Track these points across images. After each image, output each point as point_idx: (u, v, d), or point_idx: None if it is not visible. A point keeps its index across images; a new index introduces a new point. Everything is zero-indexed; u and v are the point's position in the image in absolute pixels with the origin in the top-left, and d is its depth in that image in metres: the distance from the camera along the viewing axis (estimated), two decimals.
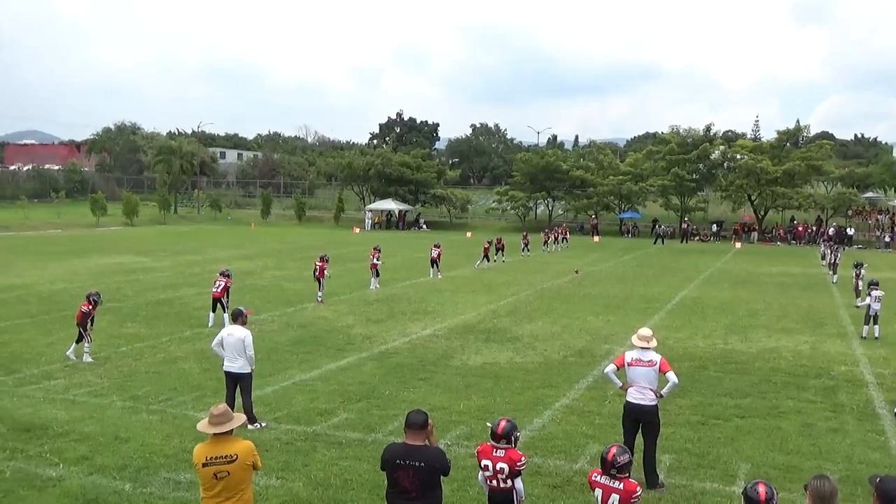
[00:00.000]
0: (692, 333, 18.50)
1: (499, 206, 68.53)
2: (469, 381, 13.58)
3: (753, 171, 59.01)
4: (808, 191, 62.31)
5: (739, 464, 9.61)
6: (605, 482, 6.18)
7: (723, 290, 26.95)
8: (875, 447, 10.38)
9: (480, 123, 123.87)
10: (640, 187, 63.12)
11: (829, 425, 11.33)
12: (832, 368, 15.04)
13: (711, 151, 63.75)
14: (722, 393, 12.97)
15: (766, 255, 44.94)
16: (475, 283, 27.69)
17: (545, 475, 9.09)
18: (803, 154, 62.13)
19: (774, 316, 21.44)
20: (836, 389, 13.45)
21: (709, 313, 21.70)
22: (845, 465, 9.68)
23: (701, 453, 9.96)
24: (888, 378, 14.30)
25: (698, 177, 64.15)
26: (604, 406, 11.95)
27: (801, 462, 9.64)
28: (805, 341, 17.80)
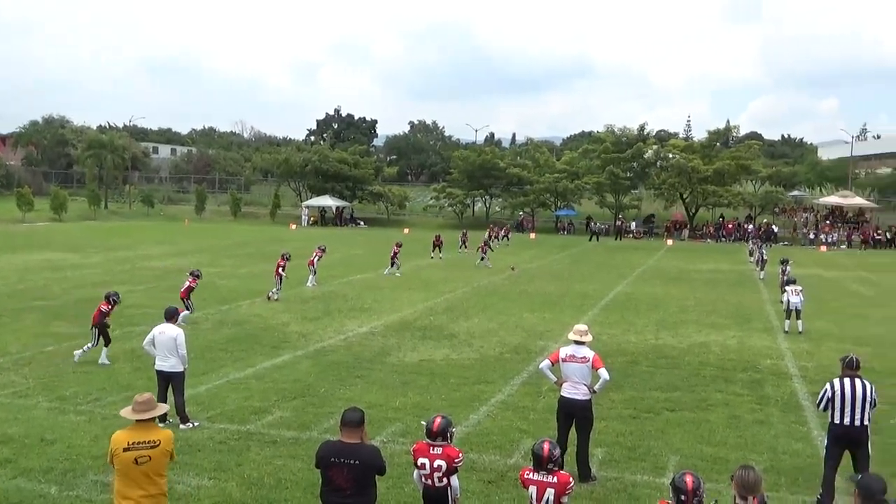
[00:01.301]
0: (625, 329, 18.84)
1: (436, 204, 68.67)
2: (405, 378, 13.60)
3: (685, 170, 60.39)
4: (738, 189, 63.94)
5: (669, 456, 9.84)
6: (539, 478, 6.27)
7: (655, 287, 27.51)
8: (798, 438, 10.73)
9: (419, 120, 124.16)
10: (575, 185, 63.96)
11: (754, 417, 11.67)
12: (758, 362, 15.48)
13: (645, 150, 64.97)
14: (653, 387, 13.25)
15: (696, 252, 46.01)
16: (412, 281, 27.71)
17: (480, 471, 9.17)
18: (733, 154, 63.82)
19: (704, 311, 21.97)
20: (762, 382, 13.86)
21: (641, 309, 22.12)
22: (770, 455, 9.98)
23: (632, 446, 10.17)
24: (811, 371, 14.78)
25: (632, 175, 65.28)
26: (538, 401, 12.09)
27: (727, 453, 9.90)
28: (733, 336, 18.29)
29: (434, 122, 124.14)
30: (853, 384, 8.34)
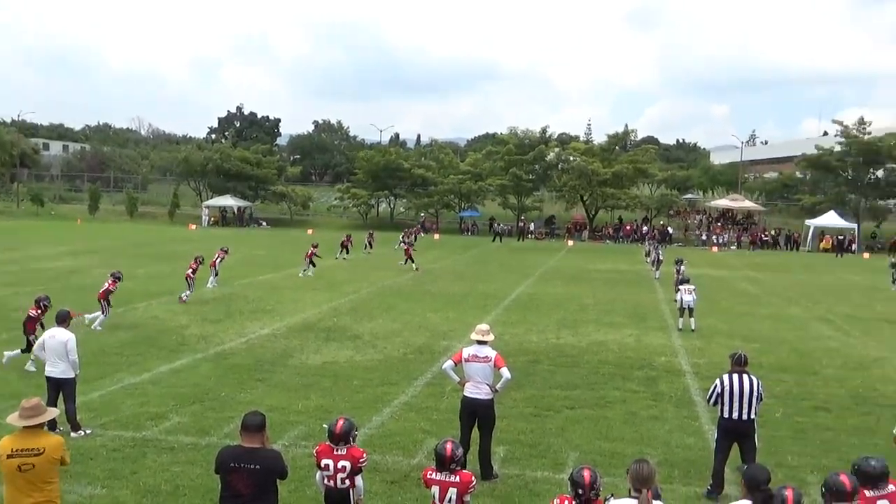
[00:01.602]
0: (527, 329, 19.15)
1: (340, 204, 68.19)
2: (308, 380, 13.47)
3: (585, 172, 61.85)
4: (635, 192, 65.88)
5: (569, 452, 10.07)
6: (442, 478, 6.32)
7: (556, 287, 28.06)
8: (690, 432, 11.15)
9: (323, 120, 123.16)
10: (479, 186, 64.60)
11: (650, 413, 12.06)
12: (654, 360, 15.99)
13: (547, 153, 66.17)
14: (554, 385, 13.52)
15: (596, 253, 47.18)
16: (316, 281, 27.44)
17: (383, 472, 9.17)
18: (631, 157, 65.77)
19: (603, 311, 22.54)
20: (657, 379, 14.32)
21: (543, 309, 22.53)
22: (664, 449, 10.34)
23: (533, 443, 10.36)
24: (703, 367, 15.36)
25: (535, 177, 66.38)
26: (441, 402, 12.17)
27: (624, 448, 10.20)
28: (630, 334, 18.83)
29: (339, 121, 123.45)
30: (741, 380, 8.72)
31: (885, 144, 60.61)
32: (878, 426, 11.44)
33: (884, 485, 5.94)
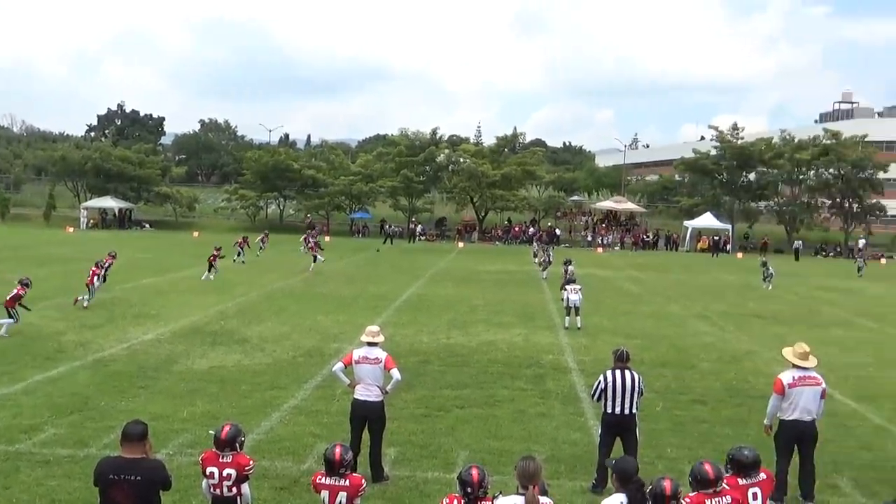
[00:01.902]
0: (418, 329, 19.23)
1: (228, 206, 66.65)
2: (194, 386, 13.12)
3: (475, 174, 62.62)
4: (523, 194, 67.16)
5: (459, 451, 10.17)
6: (332, 482, 6.29)
7: (447, 288, 28.31)
8: (576, 428, 11.46)
9: (209, 119, 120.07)
10: (370, 188, 64.43)
11: (537, 410, 12.33)
12: (542, 358, 16.35)
13: (438, 154, 66.62)
14: (444, 385, 13.64)
15: (486, 254, 47.85)
16: (205, 284, 26.76)
17: (272, 478, 9.03)
18: (519, 159, 67.01)
19: (492, 311, 22.88)
20: (544, 377, 14.65)
21: (433, 310, 22.68)
22: (551, 445, 10.59)
23: (424, 444, 10.42)
24: (588, 364, 15.80)
25: (425, 178, 66.71)
26: (332, 405, 12.08)
27: (512, 446, 10.37)
28: (519, 334, 19.18)
29: (226, 121, 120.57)
30: (623, 375, 9.03)
31: (756, 149, 64.01)
32: (749, 417, 12.02)
33: (755, 473, 6.29)
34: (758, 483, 6.28)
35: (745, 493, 6.17)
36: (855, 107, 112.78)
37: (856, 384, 14.97)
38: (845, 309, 26.84)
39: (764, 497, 6.27)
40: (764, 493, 6.29)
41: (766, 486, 6.35)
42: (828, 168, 63.36)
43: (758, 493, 6.23)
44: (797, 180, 65.28)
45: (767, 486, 6.37)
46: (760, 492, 6.25)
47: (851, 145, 63.37)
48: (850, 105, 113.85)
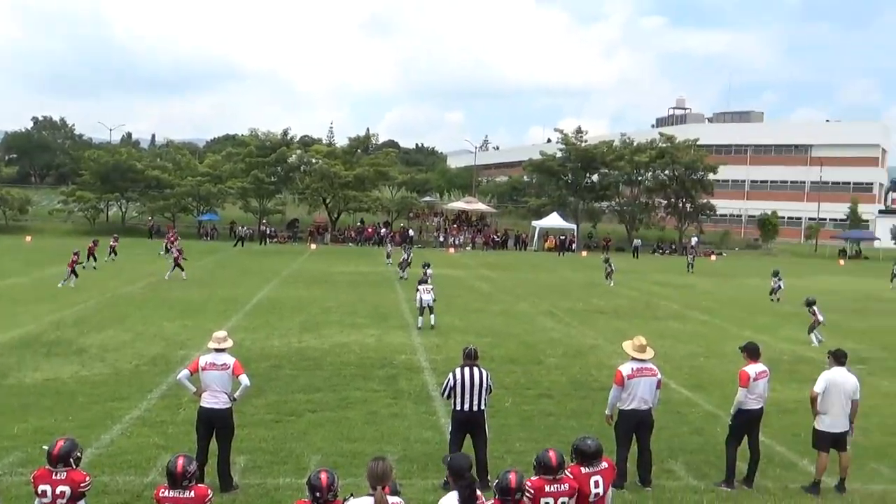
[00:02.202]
0: (269, 333, 18.89)
1: (65, 208, 62.87)
2: (26, 400, 12.33)
3: (328, 175, 62.07)
4: (376, 195, 67.20)
5: (311, 456, 10.06)
6: (175, 495, 6.08)
7: (299, 290, 27.94)
8: (428, 427, 11.59)
9: (44, 116, 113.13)
10: (219, 189, 62.55)
11: (390, 411, 12.38)
12: (394, 358, 16.43)
13: (289, 155, 65.54)
14: (296, 390, 13.46)
15: (339, 256, 47.57)
16: (39, 291, 25.20)
17: (112, 493, 8.62)
18: (372, 160, 66.95)
19: (345, 312, 22.77)
20: (397, 377, 14.73)
21: (285, 313, 22.33)
22: (403, 445, 10.66)
23: (275, 450, 10.24)
24: (440, 363, 16.01)
25: (277, 179, 65.50)
26: (178, 414, 11.68)
27: (365, 448, 10.37)
28: (372, 334, 19.20)
29: (62, 118, 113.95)
30: (471, 373, 9.21)
31: (599, 151, 66.89)
32: (593, 408, 12.54)
33: (598, 462, 6.58)
34: (599, 471, 6.57)
35: (588, 481, 6.44)
36: (687, 112, 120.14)
37: (689, 373, 15.93)
38: (679, 303, 28.47)
39: (605, 485, 6.55)
40: (605, 480, 6.57)
41: (608, 475, 6.64)
42: (664, 170, 67.01)
43: (599, 481, 6.51)
44: (636, 181, 68.73)
45: (609, 475, 6.66)
46: (602, 480, 6.53)
47: (685, 149, 67.31)
48: (684, 111, 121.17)
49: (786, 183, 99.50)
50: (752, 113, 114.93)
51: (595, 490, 6.47)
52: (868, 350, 19.33)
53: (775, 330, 22.35)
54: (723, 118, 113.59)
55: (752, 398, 9.39)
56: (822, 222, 79.98)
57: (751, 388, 9.35)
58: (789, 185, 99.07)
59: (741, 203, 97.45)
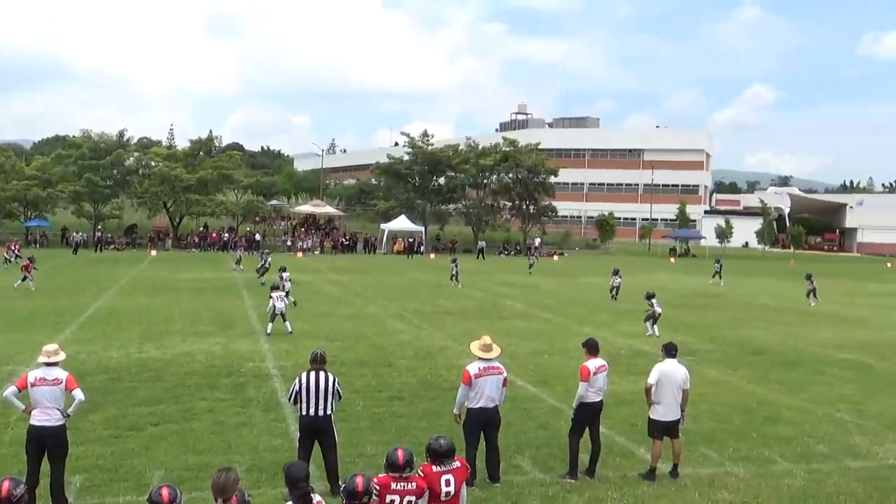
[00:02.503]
0: (106, 345, 17.97)
1: None
2: None
3: (168, 178, 59.73)
4: (221, 198, 65.37)
5: (153, 471, 9.66)
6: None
7: (138, 299, 26.74)
8: (277, 434, 11.38)
9: None
10: (48, 193, 58.88)
11: (238, 420, 12.07)
12: (242, 366, 16.03)
13: (126, 157, 62.68)
14: (137, 402, 12.88)
15: (181, 262, 45.90)
16: None
17: None
18: (215, 163, 65.04)
19: (189, 321, 22.01)
20: (245, 385, 14.38)
21: (124, 323, 21.33)
22: (252, 455, 10.42)
23: (114, 468, 9.75)
24: (290, 369, 15.74)
25: (113, 183, 62.45)
26: (6, 434, 10.91)
27: (212, 459, 10.06)
28: (217, 343, 18.65)
29: None
30: (317, 377, 9.13)
31: (445, 155, 67.99)
32: (443, 408, 12.70)
33: (450, 461, 6.70)
34: (451, 470, 6.69)
35: (438, 480, 6.55)
36: (529, 117, 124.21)
37: (534, 370, 16.46)
38: (524, 303, 29.36)
39: (457, 483, 6.67)
40: (457, 479, 6.69)
41: (460, 474, 6.76)
42: (507, 173, 68.91)
43: (451, 480, 6.62)
44: (482, 184, 70.30)
45: (461, 474, 6.78)
46: (454, 478, 6.65)
47: (527, 152, 69.49)
48: (525, 116, 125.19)
49: (621, 185, 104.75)
50: (588, 119, 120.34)
51: (446, 489, 6.57)
52: (697, 342, 20.63)
53: (614, 326, 23.46)
54: (562, 123, 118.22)
55: (592, 392, 9.81)
56: (654, 223, 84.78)
57: (591, 382, 9.76)
58: (624, 188, 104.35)
59: (580, 205, 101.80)
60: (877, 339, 22.32)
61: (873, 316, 28.08)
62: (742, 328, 23.78)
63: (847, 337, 22.52)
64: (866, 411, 13.73)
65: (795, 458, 10.89)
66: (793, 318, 26.65)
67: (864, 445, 11.61)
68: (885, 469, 10.55)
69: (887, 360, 18.93)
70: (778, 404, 14.04)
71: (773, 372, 17.04)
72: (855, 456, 11.09)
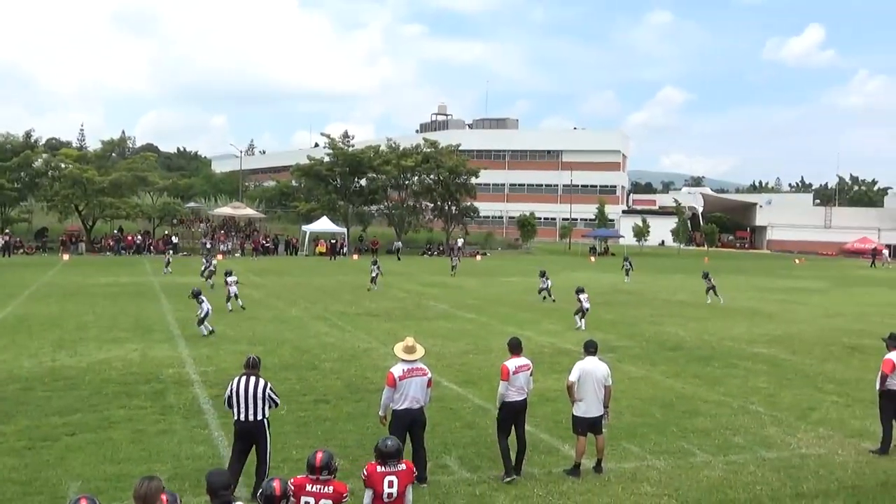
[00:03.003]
0: (17, 353, 17.30)
1: None
2: None
3: (80, 180, 57.75)
4: (136, 201, 63.64)
5: (70, 483, 9.34)
6: None
7: (50, 305, 25.82)
8: (200, 441, 11.15)
9: None
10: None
11: (158, 428, 11.77)
12: (161, 372, 15.65)
13: (34, 159, 60.39)
14: (51, 412, 12.43)
15: (95, 266, 44.51)
16: None
17: None
18: (129, 165, 63.30)
19: (105, 327, 21.36)
20: (164, 392, 14.04)
21: (35, 330, 20.56)
22: (174, 462, 10.18)
23: (27, 480, 9.39)
24: (211, 375, 15.48)
25: (21, 186, 60.11)
26: None
27: (132, 469, 9.79)
28: (135, 349, 18.15)
29: None
30: (247, 381, 9.00)
31: (366, 156, 67.72)
32: (369, 410, 12.66)
33: (395, 462, 6.76)
34: (395, 472, 6.74)
35: (381, 480, 6.64)
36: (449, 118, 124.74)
37: (459, 370, 16.54)
38: (448, 303, 29.48)
39: (400, 485, 6.71)
40: (401, 481, 6.73)
41: (404, 476, 6.80)
42: (429, 174, 69.02)
43: (394, 482, 6.68)
44: (403, 185, 70.25)
45: (405, 476, 6.82)
46: (397, 480, 6.70)
47: (448, 154, 69.72)
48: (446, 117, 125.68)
49: (541, 186, 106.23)
50: (508, 120, 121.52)
51: (388, 489, 6.63)
52: (617, 339, 21.08)
53: (537, 324, 23.76)
54: (482, 125, 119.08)
55: (513, 390, 9.88)
56: (574, 222, 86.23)
57: (511, 380, 9.84)
58: (544, 188, 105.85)
59: (502, 205, 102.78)
60: (787, 332, 23.20)
61: (783, 311, 29.18)
62: (660, 324, 24.40)
63: (759, 331, 23.35)
64: (779, 403, 14.26)
65: (713, 450, 11.24)
66: (708, 314, 27.48)
67: (778, 436, 12.06)
68: (797, 458, 10.97)
69: (797, 353, 19.70)
70: (695, 398, 14.46)
71: (691, 366, 17.55)
72: (769, 446, 11.51)
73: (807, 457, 11.03)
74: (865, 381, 15.26)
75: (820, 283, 43.57)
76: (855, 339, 22.00)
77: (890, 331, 12.46)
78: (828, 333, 23.16)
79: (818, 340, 21.72)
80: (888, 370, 11.21)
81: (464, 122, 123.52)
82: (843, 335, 22.78)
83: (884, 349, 11.64)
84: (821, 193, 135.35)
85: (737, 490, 9.65)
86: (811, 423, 12.83)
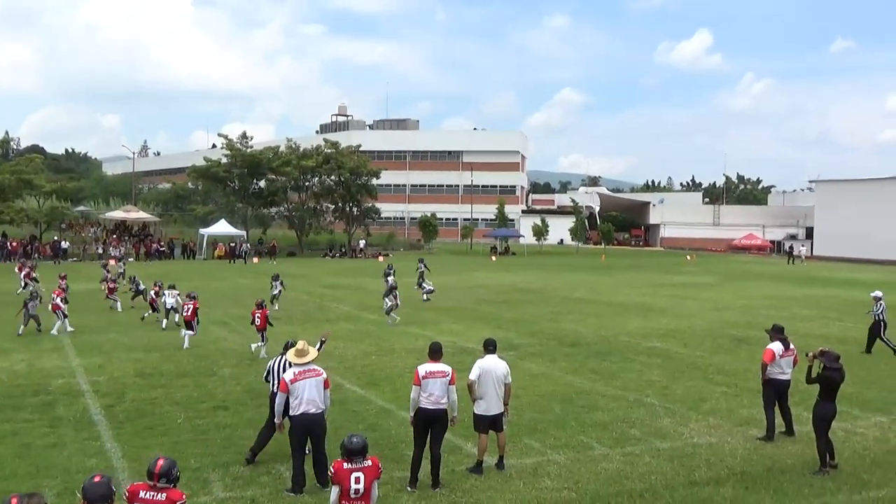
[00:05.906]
0: None
1: None
2: None
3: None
4: (21, 205, 60.77)
5: None
6: None
7: None
8: (92, 454, 10.75)
9: None
10: None
11: (46, 441, 11.29)
12: (49, 383, 15.01)
13: None
14: None
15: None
16: None
17: None
18: (13, 167, 60.42)
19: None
20: (53, 404, 13.47)
21: None
22: (64, 477, 9.78)
23: None
24: (104, 384, 14.95)
25: None
26: None
27: (18, 485, 9.34)
28: (21, 359, 17.37)
29: None
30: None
31: (265, 157, 66.61)
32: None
33: (361, 459, 6.87)
34: (362, 468, 6.84)
35: (348, 477, 6.77)
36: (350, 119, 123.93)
37: (362, 372, 16.46)
38: (350, 304, 29.31)
39: (366, 481, 6.81)
40: (367, 477, 6.83)
41: (370, 472, 6.88)
42: (330, 175, 68.43)
43: (361, 478, 6.79)
44: (304, 187, 69.41)
45: (371, 472, 6.89)
46: (364, 476, 6.81)
47: (349, 154, 69.29)
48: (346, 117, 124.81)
49: (442, 187, 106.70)
50: (408, 120, 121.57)
51: (355, 486, 6.76)
52: (518, 337, 21.40)
53: (438, 325, 23.88)
54: (383, 125, 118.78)
55: (424, 396, 9.71)
56: (475, 222, 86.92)
57: (423, 385, 9.66)
58: (445, 189, 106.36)
59: (403, 206, 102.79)
60: (678, 327, 24.05)
61: (675, 305, 30.22)
62: (559, 321, 24.90)
63: (652, 326, 24.12)
64: (671, 395, 14.78)
65: (611, 443, 11.56)
66: (605, 310, 28.20)
67: (671, 426, 12.50)
68: (690, 447, 11.40)
69: (689, 346, 20.46)
70: (594, 392, 14.83)
71: (589, 362, 17.98)
72: (664, 437, 11.91)
73: (699, 446, 11.47)
74: (752, 371, 15.97)
75: (709, 279, 45.31)
76: (742, 331, 22.99)
77: (773, 322, 13.10)
78: (717, 326, 24.14)
79: (708, 333, 22.61)
80: (768, 359, 11.77)
81: (364, 123, 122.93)
82: (731, 328, 23.79)
83: (768, 340, 12.20)
84: (710, 192, 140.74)
85: (633, 481, 9.95)
86: (702, 414, 13.34)
